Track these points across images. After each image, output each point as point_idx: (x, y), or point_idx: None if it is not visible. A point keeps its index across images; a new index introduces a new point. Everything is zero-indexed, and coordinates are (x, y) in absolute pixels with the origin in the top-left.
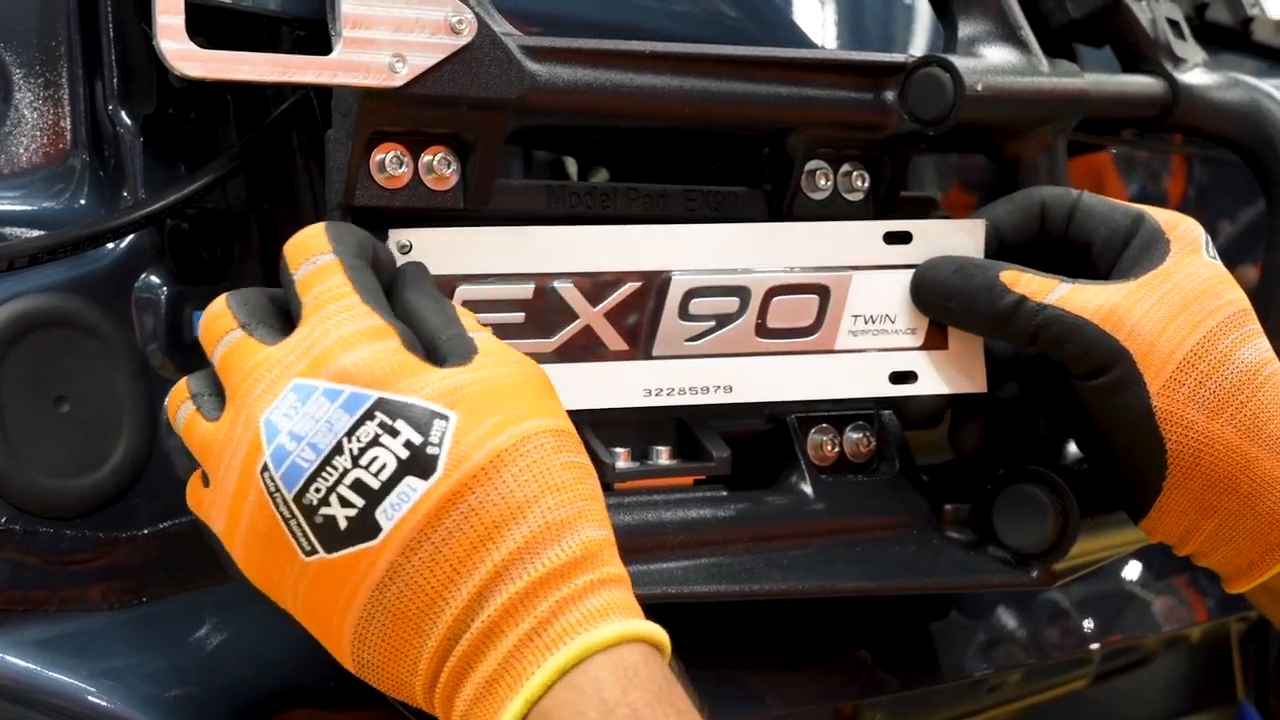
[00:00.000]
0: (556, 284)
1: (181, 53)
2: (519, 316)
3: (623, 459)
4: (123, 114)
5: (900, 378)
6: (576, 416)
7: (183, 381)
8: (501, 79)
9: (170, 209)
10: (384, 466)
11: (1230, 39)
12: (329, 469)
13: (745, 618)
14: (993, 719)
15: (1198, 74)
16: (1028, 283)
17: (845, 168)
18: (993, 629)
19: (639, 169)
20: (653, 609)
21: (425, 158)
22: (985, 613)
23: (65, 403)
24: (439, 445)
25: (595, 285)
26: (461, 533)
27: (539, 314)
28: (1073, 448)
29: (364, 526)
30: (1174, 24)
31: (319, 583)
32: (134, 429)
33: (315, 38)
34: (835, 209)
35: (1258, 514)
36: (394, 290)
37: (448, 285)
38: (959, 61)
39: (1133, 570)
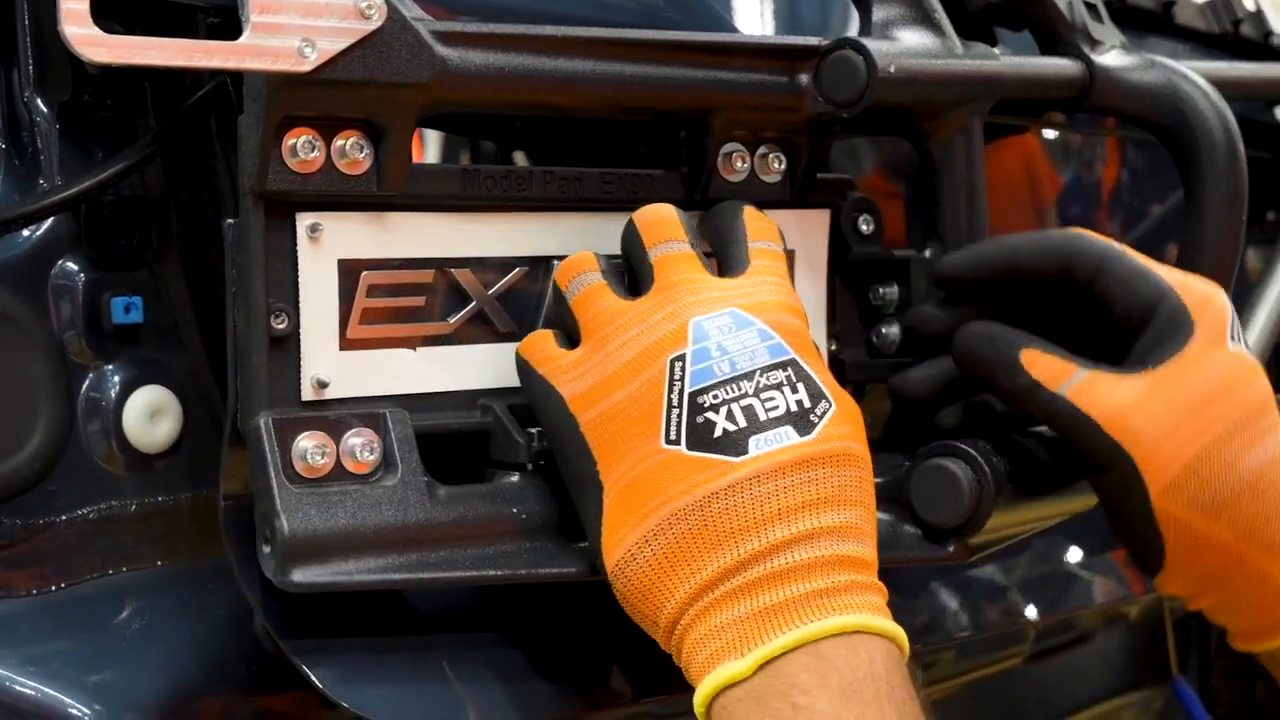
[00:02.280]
0: (453, 269)
1: (86, 38)
2: (420, 300)
3: (539, 439)
4: (38, 101)
5: None
6: (483, 397)
7: (589, 255)
8: (412, 64)
9: (85, 195)
10: (776, 407)
11: (1153, 22)
12: (734, 386)
13: None
14: (928, 696)
15: (1114, 56)
16: (1045, 367)
17: (762, 150)
18: (926, 605)
19: (561, 153)
20: (576, 586)
21: (338, 142)
22: (918, 589)
23: None
24: (819, 419)
25: (488, 270)
26: (797, 490)
27: (437, 297)
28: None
29: (735, 443)
30: (1091, 7)
31: (661, 469)
32: (51, 415)
33: (228, 23)
34: (752, 191)
35: (1253, 602)
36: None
37: (356, 268)
38: (872, 44)
39: (1069, 547)
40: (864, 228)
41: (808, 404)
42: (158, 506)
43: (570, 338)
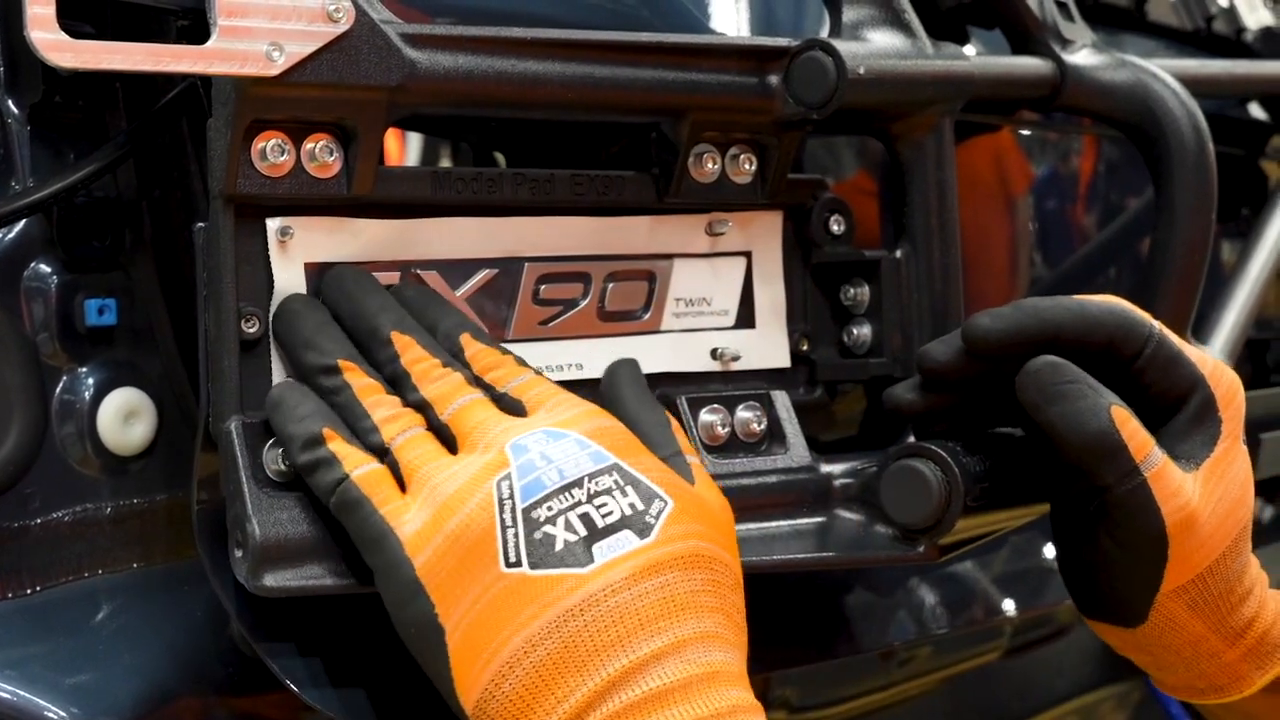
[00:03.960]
0: (421, 271)
1: (53, 43)
2: None
3: None
4: (9, 103)
5: (717, 354)
6: None
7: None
8: (381, 66)
9: (57, 197)
10: (611, 513)
11: (1125, 19)
12: (566, 494)
13: None
14: (906, 692)
15: (1085, 54)
16: (1134, 433)
17: (733, 151)
18: (904, 602)
19: (534, 154)
20: None
21: (307, 145)
22: (896, 586)
23: None
24: (656, 520)
25: (457, 272)
26: (654, 598)
27: None
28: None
29: (578, 554)
30: (1062, 5)
31: (506, 595)
32: (25, 419)
33: (197, 27)
34: (723, 192)
35: (1193, 669)
36: (611, 388)
37: (323, 271)
38: (842, 45)
39: (1046, 542)
40: (835, 228)
41: (640, 506)
42: (133, 509)
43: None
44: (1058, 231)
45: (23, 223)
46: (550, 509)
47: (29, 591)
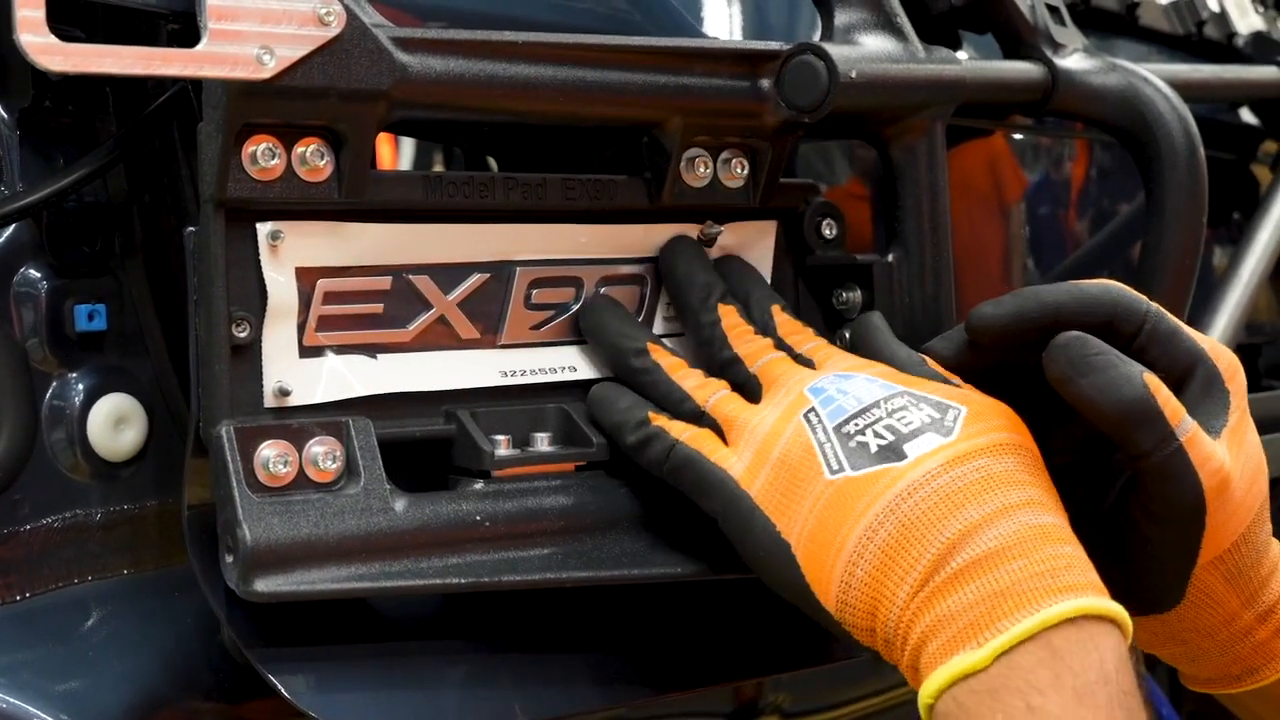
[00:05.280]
0: (413, 275)
1: (42, 46)
2: (378, 307)
3: (503, 446)
4: None
5: None
6: (454, 400)
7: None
8: (372, 70)
9: (47, 201)
10: (911, 423)
11: (1116, 24)
12: (868, 413)
13: (639, 600)
14: (900, 697)
15: (1076, 59)
16: (1167, 399)
17: (725, 155)
18: None
19: (526, 159)
20: (536, 594)
21: (298, 149)
22: None
23: None
24: (954, 423)
25: (448, 276)
26: (973, 478)
27: (396, 304)
28: None
29: (892, 451)
30: (1054, 10)
31: (837, 498)
32: (15, 424)
33: (188, 30)
34: (715, 196)
35: (1225, 653)
36: (864, 335)
37: (314, 276)
38: (833, 49)
39: None
40: (827, 232)
41: (936, 415)
42: (123, 515)
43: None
44: (1049, 235)
45: (12, 228)
46: (857, 425)
47: (19, 598)
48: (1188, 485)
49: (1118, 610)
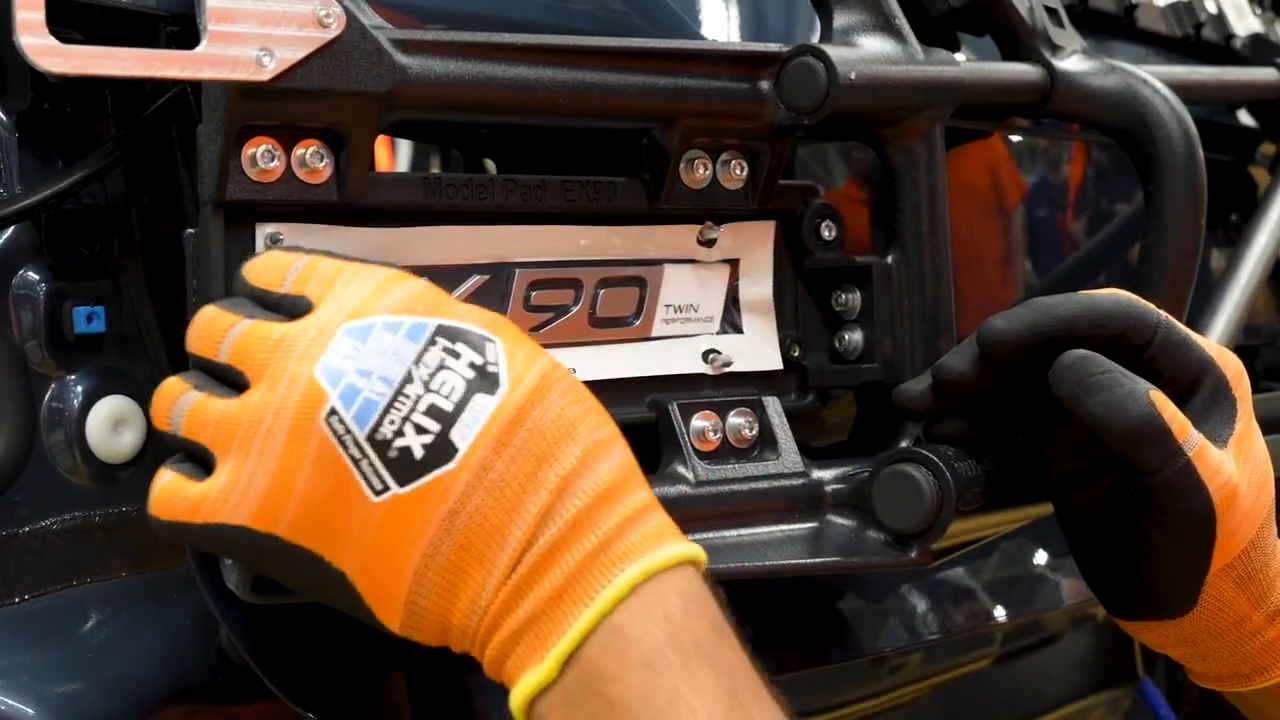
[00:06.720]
0: None
1: (42, 48)
2: None
3: None
4: None
5: (708, 360)
6: None
7: (174, 378)
8: (371, 72)
9: (46, 204)
10: (454, 388)
11: (1115, 26)
12: (402, 399)
13: None
14: (897, 699)
15: (1075, 61)
16: (1173, 416)
17: (724, 157)
18: (895, 608)
19: (524, 161)
20: None
21: (298, 151)
22: (887, 592)
23: None
24: (497, 365)
25: (446, 278)
26: (528, 450)
27: None
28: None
29: (441, 450)
30: (1052, 12)
31: (388, 522)
32: (13, 426)
33: (187, 32)
34: (714, 198)
35: (1235, 653)
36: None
37: None
38: (833, 51)
39: (1036, 549)
40: (826, 234)
41: (478, 359)
42: (122, 517)
43: (203, 465)
44: (1048, 237)
45: (11, 230)
46: (393, 422)
47: (17, 600)
48: (1197, 499)
49: (675, 553)
